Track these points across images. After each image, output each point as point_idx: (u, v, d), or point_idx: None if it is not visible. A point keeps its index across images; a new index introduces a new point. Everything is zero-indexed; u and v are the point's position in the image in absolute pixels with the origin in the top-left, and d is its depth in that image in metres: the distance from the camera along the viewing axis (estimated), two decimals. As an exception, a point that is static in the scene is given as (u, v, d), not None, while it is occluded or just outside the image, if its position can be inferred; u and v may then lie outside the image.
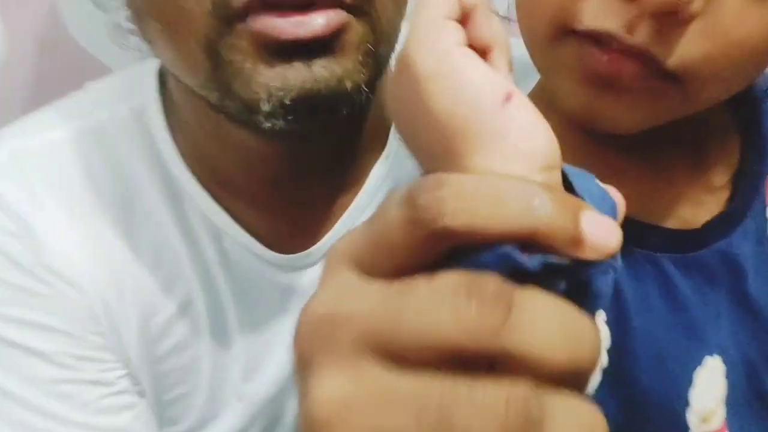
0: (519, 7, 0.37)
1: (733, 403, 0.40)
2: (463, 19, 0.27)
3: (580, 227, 0.20)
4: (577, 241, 0.20)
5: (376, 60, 0.40)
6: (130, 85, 0.50)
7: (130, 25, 0.44)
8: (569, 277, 0.21)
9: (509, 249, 0.20)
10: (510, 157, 0.24)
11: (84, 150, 0.48)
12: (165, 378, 0.50)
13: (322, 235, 0.51)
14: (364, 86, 0.39)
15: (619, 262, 0.22)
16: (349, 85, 0.38)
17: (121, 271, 0.48)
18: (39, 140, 0.48)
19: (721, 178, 0.42)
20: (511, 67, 0.28)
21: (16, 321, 0.45)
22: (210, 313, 0.50)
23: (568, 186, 0.25)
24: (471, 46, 0.26)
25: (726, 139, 0.43)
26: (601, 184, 0.27)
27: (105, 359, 0.48)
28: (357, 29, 0.38)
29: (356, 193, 0.52)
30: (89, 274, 0.47)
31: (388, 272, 0.20)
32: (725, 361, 0.40)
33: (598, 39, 0.33)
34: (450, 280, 0.19)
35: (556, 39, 0.35)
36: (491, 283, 0.19)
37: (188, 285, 0.49)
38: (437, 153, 0.25)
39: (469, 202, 0.20)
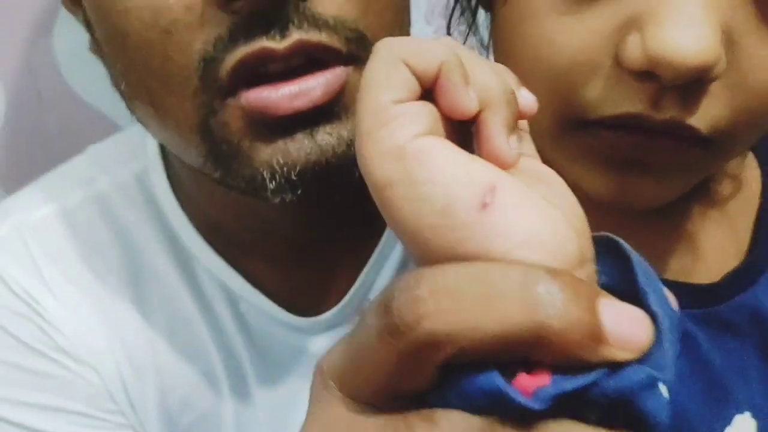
0: None
1: None
2: (431, 87, 0.21)
3: (599, 318, 0.16)
4: (596, 336, 0.16)
5: None
6: (131, 148, 0.48)
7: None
8: (600, 403, 0.16)
9: (499, 383, 0.16)
10: None
11: (87, 220, 0.46)
12: None
13: (342, 296, 0.47)
14: None
15: (671, 372, 0.18)
16: (353, 150, 0.32)
17: (135, 345, 0.45)
18: (41, 213, 0.46)
19: (743, 221, 0.37)
20: (514, 118, 0.22)
21: (31, 405, 0.43)
22: (231, 380, 0.47)
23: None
24: (450, 119, 0.21)
25: (747, 182, 0.38)
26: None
27: None
28: (358, 82, 0.30)
29: (373, 249, 0.48)
30: (102, 351, 0.44)
31: (375, 399, 0.18)
32: (756, 416, 0.37)
33: (620, 124, 0.29)
34: None
35: (566, 132, 0.30)
36: None
37: (206, 353, 0.46)
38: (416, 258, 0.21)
39: (454, 298, 0.16)
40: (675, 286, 0.33)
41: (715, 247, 0.37)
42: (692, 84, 0.27)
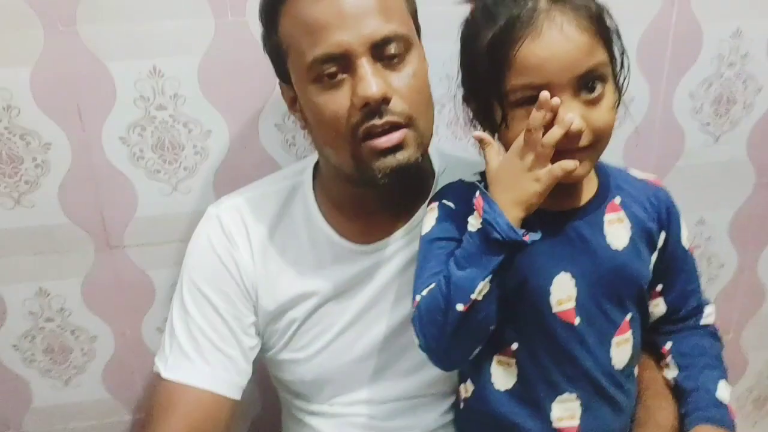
0: None
1: (580, 300, 0.76)
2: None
3: None
4: None
5: (422, 146, 0.78)
6: (295, 173, 0.93)
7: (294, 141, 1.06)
8: None
9: None
10: None
11: (275, 201, 0.90)
12: (298, 334, 0.88)
13: (383, 239, 0.87)
14: (419, 158, 0.77)
15: None
16: (412, 160, 0.76)
17: (273, 271, 0.87)
18: (257, 193, 0.91)
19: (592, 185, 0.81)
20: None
21: (211, 286, 0.86)
22: (320, 285, 0.87)
23: None
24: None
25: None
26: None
27: (246, 320, 0.87)
28: (410, 135, 0.76)
29: (407, 222, 0.88)
30: (254, 273, 0.87)
31: None
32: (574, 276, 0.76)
33: None
34: None
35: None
36: None
37: (311, 273, 0.87)
38: None
39: None
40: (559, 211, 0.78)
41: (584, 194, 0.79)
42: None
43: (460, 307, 0.69)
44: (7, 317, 1.07)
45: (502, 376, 0.80)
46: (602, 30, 0.70)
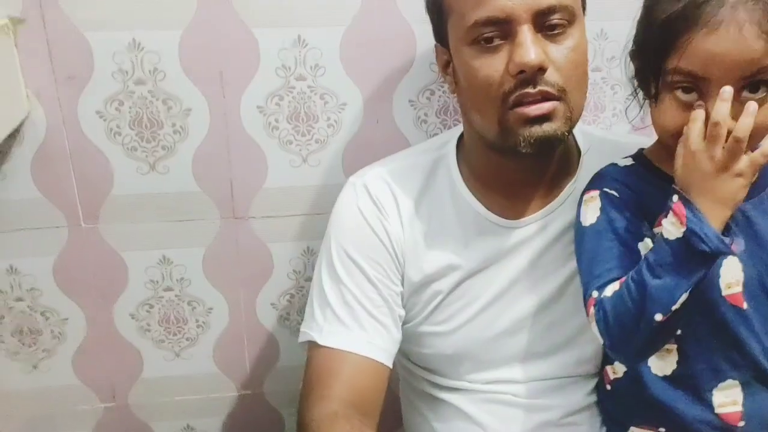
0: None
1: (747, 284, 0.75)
2: None
3: None
4: None
5: (570, 121, 0.76)
6: (440, 144, 0.92)
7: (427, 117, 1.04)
8: None
9: None
10: None
11: (416, 170, 0.89)
12: (441, 306, 0.87)
13: (528, 215, 0.86)
14: (565, 133, 0.76)
15: None
16: (559, 133, 0.75)
17: (420, 242, 0.87)
18: (400, 165, 0.90)
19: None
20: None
21: (363, 255, 0.86)
22: (470, 258, 0.86)
23: None
24: None
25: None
26: None
27: (396, 289, 0.87)
28: (560, 108, 0.75)
29: (553, 199, 0.86)
30: (403, 242, 0.87)
31: None
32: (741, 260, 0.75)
33: None
34: None
35: None
36: None
37: (456, 246, 0.86)
38: None
39: None
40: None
41: None
42: None
43: (659, 317, 0.67)
44: (128, 284, 1.07)
45: (660, 362, 0.78)
46: None
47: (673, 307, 0.67)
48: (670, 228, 0.68)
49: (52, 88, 0.93)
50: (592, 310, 0.73)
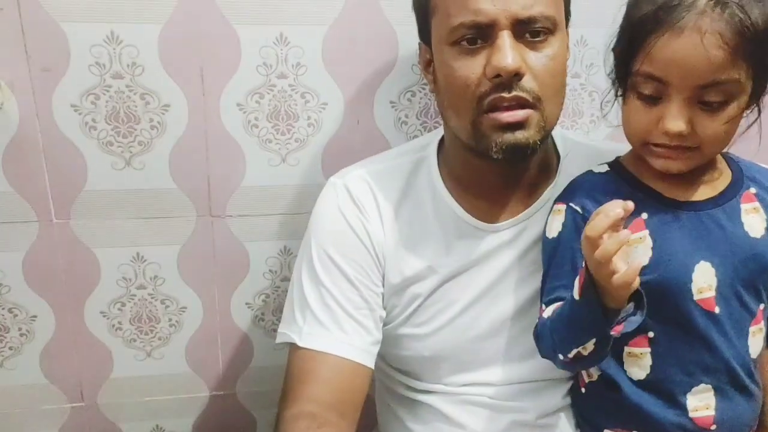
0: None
1: (720, 288, 0.75)
2: None
3: None
4: None
5: (544, 131, 0.77)
6: (421, 146, 0.92)
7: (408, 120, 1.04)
8: None
9: None
10: None
11: (395, 172, 0.89)
12: (420, 309, 0.87)
13: (507, 219, 0.87)
14: (537, 142, 0.77)
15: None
16: (531, 142, 0.76)
17: (400, 244, 0.86)
18: (381, 167, 0.90)
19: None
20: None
21: (343, 256, 0.85)
22: (440, 258, 0.86)
23: None
24: None
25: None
26: None
27: (376, 290, 0.86)
28: (534, 116, 0.76)
29: (531, 203, 0.87)
30: (384, 244, 0.86)
31: None
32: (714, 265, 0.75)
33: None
34: None
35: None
36: None
37: (435, 249, 0.86)
38: None
39: None
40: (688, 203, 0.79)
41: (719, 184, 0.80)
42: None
43: (561, 357, 0.74)
44: (100, 282, 1.05)
45: (633, 366, 0.79)
46: (751, 49, 0.67)
47: (570, 356, 0.72)
48: (576, 286, 0.70)
49: (26, 79, 0.91)
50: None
